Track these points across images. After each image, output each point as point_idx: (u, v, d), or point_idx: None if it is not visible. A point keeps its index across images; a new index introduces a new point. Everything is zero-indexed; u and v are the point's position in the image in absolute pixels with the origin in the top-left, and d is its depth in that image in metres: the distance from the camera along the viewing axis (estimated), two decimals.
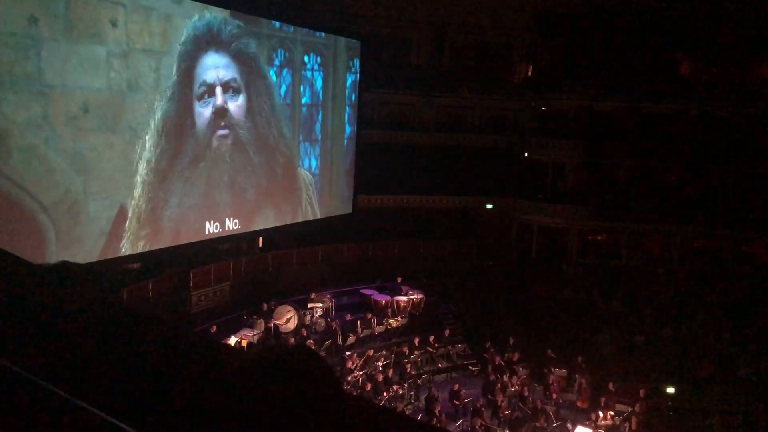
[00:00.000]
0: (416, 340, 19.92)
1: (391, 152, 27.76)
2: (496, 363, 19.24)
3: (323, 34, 22.73)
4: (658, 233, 27.75)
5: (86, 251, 14.45)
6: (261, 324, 18.08)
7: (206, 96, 17.58)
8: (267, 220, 20.74)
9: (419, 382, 18.95)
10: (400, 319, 21.13)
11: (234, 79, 18.50)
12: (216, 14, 17.62)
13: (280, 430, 1.05)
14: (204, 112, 17.57)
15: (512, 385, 18.40)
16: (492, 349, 19.95)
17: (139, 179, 15.76)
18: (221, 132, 18.21)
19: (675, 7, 26.81)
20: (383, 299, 21.36)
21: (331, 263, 23.85)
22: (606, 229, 27.92)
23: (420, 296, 22.04)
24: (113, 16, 14.59)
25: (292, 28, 21.24)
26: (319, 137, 23.11)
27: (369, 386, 16.88)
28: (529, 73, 29.84)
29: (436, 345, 20.28)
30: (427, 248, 26.30)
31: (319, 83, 22.74)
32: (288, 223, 21.55)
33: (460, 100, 28.84)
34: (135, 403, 1.22)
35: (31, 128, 13.26)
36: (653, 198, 27.73)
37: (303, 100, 22.05)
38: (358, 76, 24.62)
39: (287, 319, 18.83)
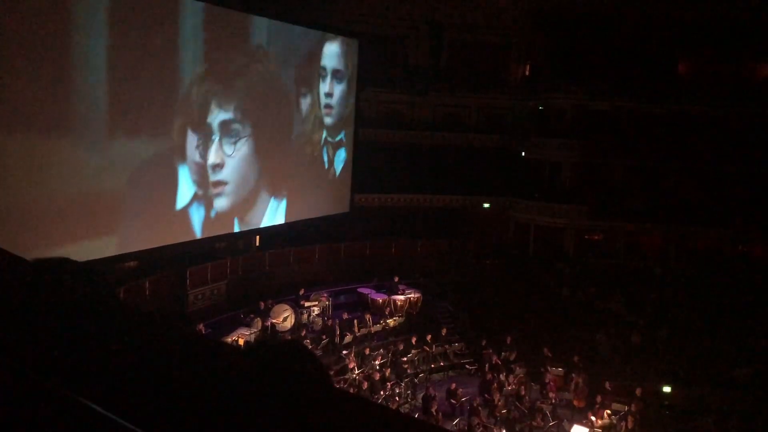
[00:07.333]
0: (413, 339, 19.90)
1: (388, 151, 27.74)
2: (493, 362, 19.25)
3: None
4: (655, 233, 27.76)
5: None
6: (258, 323, 18.05)
7: None
8: None
9: (416, 380, 18.92)
10: (397, 318, 21.13)
11: None
12: None
13: (270, 422, 1.05)
14: None
15: (509, 384, 18.40)
16: (489, 348, 19.95)
17: None
18: None
19: (673, 7, 26.81)
20: (380, 298, 21.35)
21: (328, 262, 23.82)
22: (603, 228, 27.92)
23: (417, 295, 22.03)
24: None
25: None
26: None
27: (366, 385, 16.87)
28: (527, 73, 29.83)
29: (434, 344, 20.28)
30: (424, 247, 26.30)
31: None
32: None
33: (457, 99, 28.83)
34: (130, 399, 1.22)
35: None
36: (650, 197, 27.72)
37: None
38: (355, 74, 24.59)
39: (284, 318, 18.81)
